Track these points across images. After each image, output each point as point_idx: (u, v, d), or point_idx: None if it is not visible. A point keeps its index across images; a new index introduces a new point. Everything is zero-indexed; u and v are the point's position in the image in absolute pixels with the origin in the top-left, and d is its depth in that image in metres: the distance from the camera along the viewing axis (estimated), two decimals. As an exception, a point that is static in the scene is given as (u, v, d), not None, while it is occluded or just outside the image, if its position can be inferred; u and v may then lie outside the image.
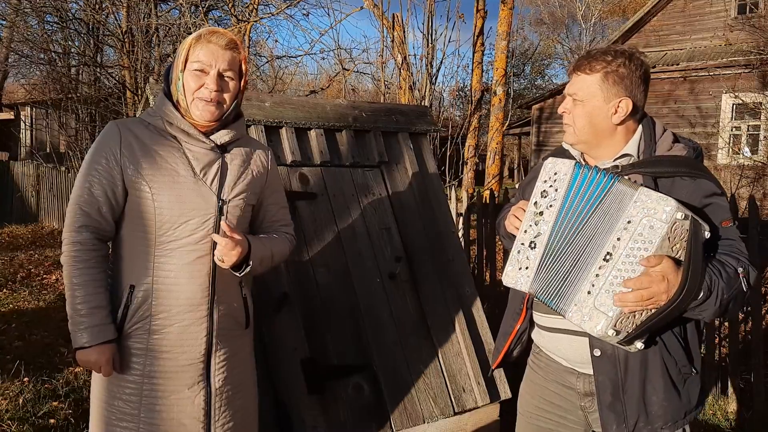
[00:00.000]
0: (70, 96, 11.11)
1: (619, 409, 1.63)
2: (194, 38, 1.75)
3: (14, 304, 5.80)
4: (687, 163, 1.63)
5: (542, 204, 1.61)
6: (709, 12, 15.80)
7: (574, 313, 1.52)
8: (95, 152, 1.77)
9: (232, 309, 1.87)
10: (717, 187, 1.60)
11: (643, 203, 1.47)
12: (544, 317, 1.80)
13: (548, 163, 1.64)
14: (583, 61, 1.68)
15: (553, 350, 1.82)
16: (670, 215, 1.43)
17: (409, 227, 3.03)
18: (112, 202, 1.76)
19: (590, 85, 1.65)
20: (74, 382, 3.83)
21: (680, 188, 1.59)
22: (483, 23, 6.45)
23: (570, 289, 1.54)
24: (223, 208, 1.79)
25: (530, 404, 1.91)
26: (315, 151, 2.89)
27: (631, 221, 1.47)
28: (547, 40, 31.01)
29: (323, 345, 2.62)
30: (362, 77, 9.87)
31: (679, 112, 16.11)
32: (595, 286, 1.49)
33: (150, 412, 1.76)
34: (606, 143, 1.69)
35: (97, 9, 10.73)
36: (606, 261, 1.49)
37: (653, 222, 1.44)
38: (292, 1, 8.36)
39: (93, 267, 1.74)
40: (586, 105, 1.66)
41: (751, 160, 12.45)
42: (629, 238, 1.47)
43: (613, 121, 1.65)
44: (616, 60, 1.63)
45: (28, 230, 10.67)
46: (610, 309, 1.46)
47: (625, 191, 1.50)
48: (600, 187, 1.54)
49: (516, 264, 1.64)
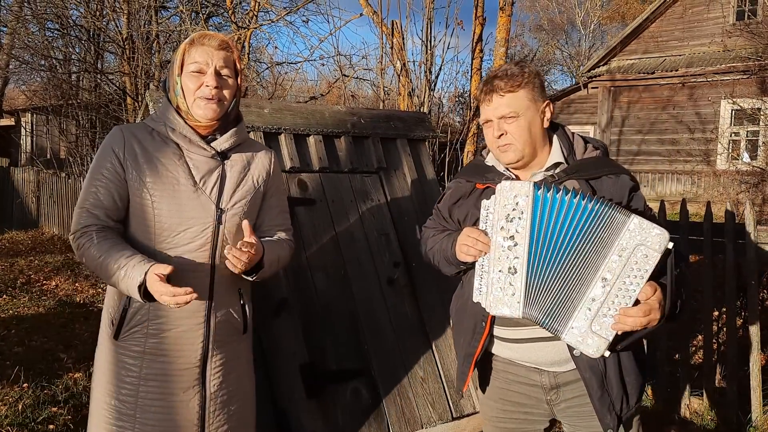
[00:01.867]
0: (71, 102, 11.15)
1: (606, 399, 1.70)
2: (187, 43, 1.78)
3: (14, 310, 5.80)
4: (606, 162, 1.79)
5: (510, 228, 1.63)
6: (707, 18, 15.86)
7: (571, 336, 1.58)
8: (100, 156, 1.80)
9: (230, 315, 1.89)
10: (633, 180, 1.77)
11: (636, 231, 1.55)
12: (508, 330, 1.79)
13: (505, 187, 1.66)
14: (498, 83, 1.74)
15: (516, 358, 1.83)
16: (663, 245, 1.53)
17: (407, 233, 3.04)
18: (118, 205, 1.78)
19: (521, 99, 1.73)
20: (73, 387, 3.84)
21: (607, 186, 1.72)
22: (482, 30, 6.46)
23: (563, 312, 1.59)
24: (221, 217, 1.81)
25: (494, 409, 1.93)
26: (314, 158, 2.90)
27: (625, 248, 1.55)
28: (547, 46, 31.08)
29: (322, 350, 2.63)
30: (362, 83, 9.89)
31: (678, 118, 16.15)
32: (591, 310, 1.56)
33: (146, 413, 1.79)
34: (539, 154, 1.79)
35: (98, 16, 10.78)
36: (603, 287, 1.56)
37: (648, 251, 1.53)
38: (292, 8, 8.40)
39: (111, 237, 1.74)
40: (522, 118, 1.73)
41: (750, 165, 12.46)
42: (624, 265, 1.54)
43: (545, 125, 1.78)
44: (524, 71, 1.74)
45: (28, 236, 10.68)
46: (607, 332, 1.55)
47: (616, 218, 1.57)
48: (577, 209, 1.59)
49: (499, 292, 1.64)
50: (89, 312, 5.76)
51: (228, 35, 9.43)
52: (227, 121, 1.85)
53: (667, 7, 16.51)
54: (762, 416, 3.42)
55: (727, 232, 3.53)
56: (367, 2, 6.57)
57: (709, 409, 3.60)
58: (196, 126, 1.81)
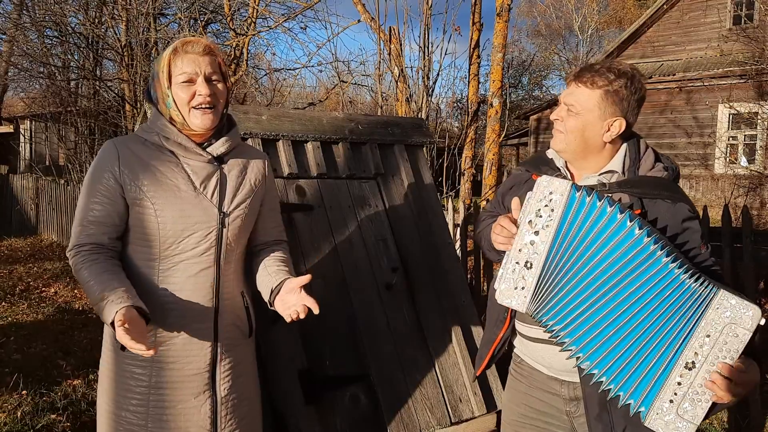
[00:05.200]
0: (70, 109, 11.17)
1: (606, 419, 1.65)
2: (170, 53, 1.76)
3: (13, 317, 5.79)
4: (668, 186, 1.67)
5: (538, 223, 1.57)
6: (704, 23, 15.93)
7: (656, 417, 1.49)
8: (94, 172, 1.78)
9: (236, 318, 1.90)
10: (692, 211, 1.65)
11: (725, 309, 1.44)
12: (526, 327, 1.81)
13: (543, 181, 1.59)
14: (586, 74, 1.66)
15: (536, 359, 1.83)
16: (755, 323, 1.42)
17: (405, 238, 3.05)
18: (115, 221, 1.77)
19: (589, 99, 1.65)
20: (72, 394, 3.83)
21: (661, 210, 1.63)
22: (479, 35, 6.50)
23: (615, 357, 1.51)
24: (224, 221, 1.81)
25: (514, 412, 1.92)
26: (312, 164, 2.91)
27: (715, 329, 1.45)
28: (545, 51, 31.17)
29: (320, 355, 2.64)
30: (360, 89, 9.92)
31: (675, 122, 16.20)
32: (678, 394, 1.47)
33: (157, 422, 1.78)
34: (592, 158, 1.71)
35: (97, 23, 10.82)
36: (690, 369, 1.46)
37: (738, 331, 1.43)
38: (290, 14, 8.44)
39: (104, 261, 1.73)
40: (580, 117, 1.66)
41: (748, 169, 12.50)
42: (713, 344, 1.44)
43: (605, 138, 1.67)
44: (619, 80, 1.63)
45: (27, 243, 10.67)
46: (697, 419, 1.46)
47: (703, 293, 1.46)
48: (610, 222, 1.49)
49: (511, 283, 1.59)
50: (88, 319, 5.76)
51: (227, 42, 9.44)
52: (220, 126, 1.85)
53: (664, 12, 16.60)
54: (761, 418, 3.43)
55: (724, 236, 3.54)
56: (364, 9, 6.60)
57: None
58: (191, 134, 1.80)
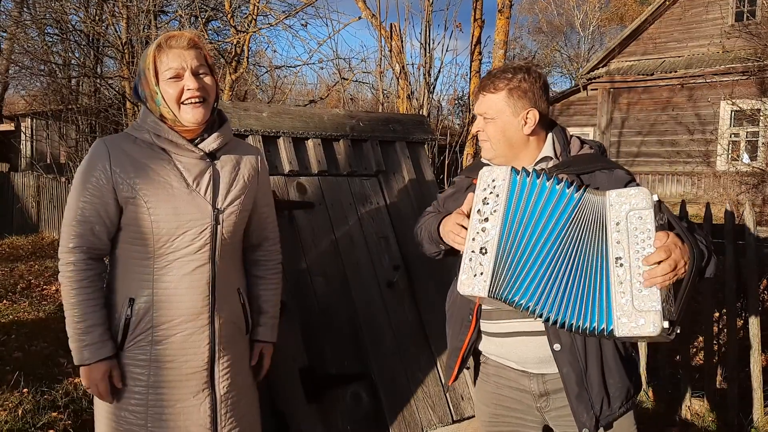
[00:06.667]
0: (71, 107, 11.17)
1: (585, 397, 1.70)
2: (155, 49, 1.74)
3: (14, 314, 5.80)
4: (600, 158, 1.82)
5: (485, 210, 1.62)
6: (706, 19, 15.89)
7: (624, 328, 1.51)
8: (85, 172, 1.76)
9: (233, 315, 1.89)
10: (629, 174, 1.78)
11: (620, 203, 1.58)
12: (493, 323, 1.81)
13: (484, 171, 1.67)
14: (486, 82, 1.79)
15: (505, 355, 1.84)
16: (649, 201, 1.55)
17: (406, 236, 3.04)
18: (105, 221, 1.76)
19: (497, 102, 1.77)
20: (73, 392, 3.83)
21: (601, 180, 1.74)
22: (480, 32, 6.46)
23: (585, 305, 1.55)
24: (219, 217, 1.80)
25: (486, 413, 1.94)
26: (312, 161, 2.90)
27: (619, 221, 1.57)
28: (546, 48, 31.12)
29: (321, 354, 2.63)
30: (361, 86, 9.90)
31: (677, 119, 16.18)
32: (626, 293, 1.53)
33: (157, 421, 1.78)
34: (522, 153, 1.81)
35: (97, 21, 10.81)
36: (621, 266, 1.54)
37: (640, 213, 1.55)
38: (291, 11, 8.42)
39: (87, 287, 1.75)
40: (497, 121, 1.77)
41: (750, 166, 12.47)
42: (627, 237, 1.55)
43: (525, 131, 1.78)
44: (516, 76, 1.76)
45: (28, 241, 10.69)
46: (652, 303, 1.50)
47: (594, 201, 1.60)
48: (560, 195, 1.59)
49: (470, 271, 1.61)
50: (89, 317, 5.76)
51: (227, 39, 9.42)
52: (212, 121, 1.83)
53: (666, 8, 16.55)
54: (763, 417, 3.42)
55: (727, 233, 3.53)
56: (365, 5, 6.57)
57: (710, 411, 3.60)
58: (182, 130, 1.78)
